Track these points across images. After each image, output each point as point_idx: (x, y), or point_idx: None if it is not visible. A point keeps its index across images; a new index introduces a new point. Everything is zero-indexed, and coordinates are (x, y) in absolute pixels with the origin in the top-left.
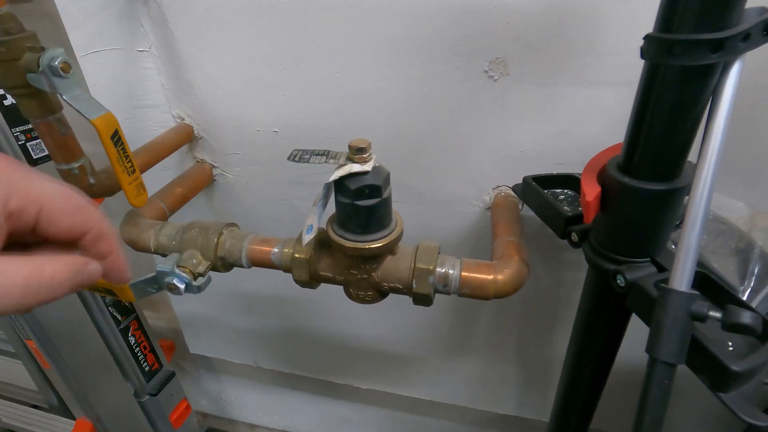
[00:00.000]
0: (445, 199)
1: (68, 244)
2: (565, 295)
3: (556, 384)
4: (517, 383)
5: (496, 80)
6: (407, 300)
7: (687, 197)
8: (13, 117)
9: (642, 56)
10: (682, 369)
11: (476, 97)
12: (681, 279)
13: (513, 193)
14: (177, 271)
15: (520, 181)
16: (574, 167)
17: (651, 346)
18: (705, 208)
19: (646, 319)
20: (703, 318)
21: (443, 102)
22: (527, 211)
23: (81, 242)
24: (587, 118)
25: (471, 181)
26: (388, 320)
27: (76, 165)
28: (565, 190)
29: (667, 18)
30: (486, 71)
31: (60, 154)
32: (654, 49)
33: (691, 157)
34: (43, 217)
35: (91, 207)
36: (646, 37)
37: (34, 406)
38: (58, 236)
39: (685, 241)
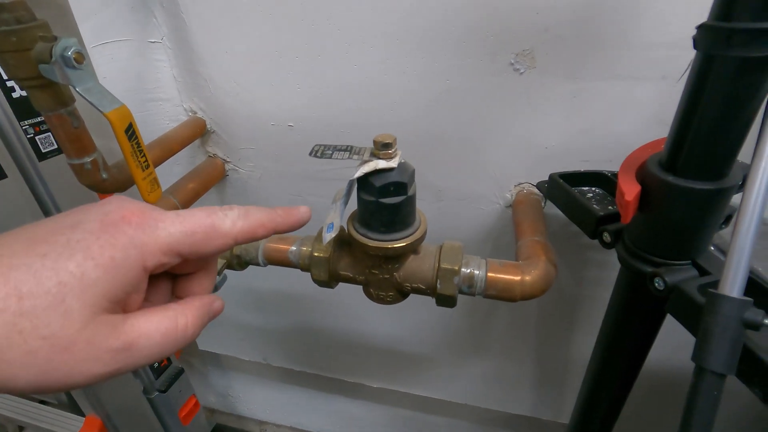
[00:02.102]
0: (465, 196)
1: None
2: (585, 295)
3: (572, 385)
4: (532, 383)
5: (522, 73)
6: (421, 299)
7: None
8: (22, 110)
9: (695, 47)
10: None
11: (500, 91)
12: (733, 284)
13: (536, 191)
14: None
15: (543, 179)
16: (601, 165)
17: (699, 355)
18: (760, 209)
19: (688, 324)
20: (757, 326)
21: (465, 96)
22: (547, 209)
23: (243, 243)
24: (617, 114)
25: (492, 178)
26: (401, 319)
27: (88, 159)
28: (593, 188)
29: (725, 5)
30: (512, 64)
31: (72, 148)
32: (710, 39)
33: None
34: (186, 256)
35: (221, 222)
36: (701, 26)
37: (44, 402)
38: (206, 259)
39: (737, 245)
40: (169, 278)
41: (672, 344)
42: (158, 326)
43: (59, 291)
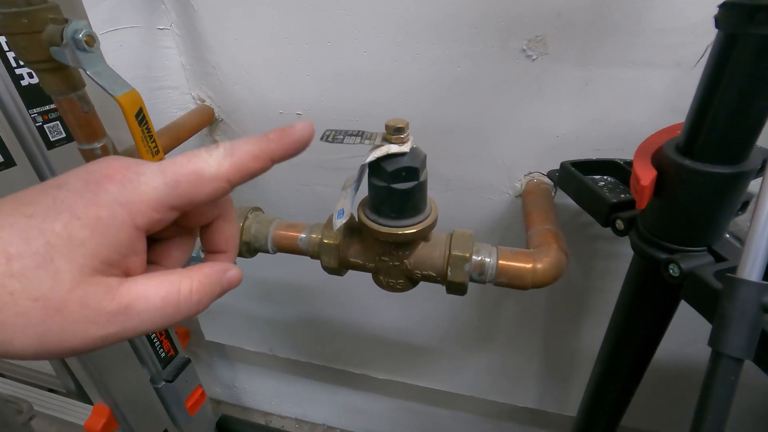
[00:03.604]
0: (474, 185)
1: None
2: (594, 287)
3: (579, 377)
4: (538, 375)
5: (534, 60)
6: (429, 290)
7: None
8: (31, 98)
9: (716, 26)
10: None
11: (512, 78)
12: (752, 269)
13: (546, 180)
14: (202, 255)
15: (554, 168)
16: (613, 154)
17: (716, 340)
18: None
19: (704, 310)
20: None
21: (476, 83)
22: (556, 200)
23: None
24: (630, 102)
25: (501, 168)
26: (408, 310)
27: (98, 145)
28: (605, 177)
29: None
30: (524, 50)
31: (82, 133)
32: (732, 17)
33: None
34: (184, 208)
35: (198, 169)
36: (723, 5)
37: (53, 391)
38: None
39: (757, 229)
40: (186, 238)
41: (680, 339)
42: (157, 290)
43: (47, 251)
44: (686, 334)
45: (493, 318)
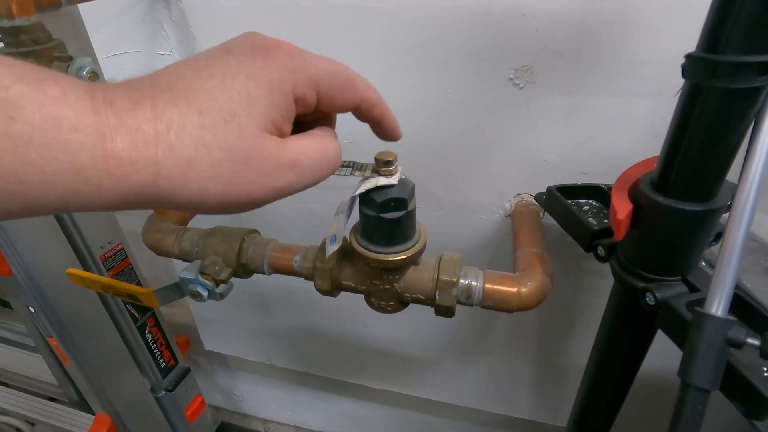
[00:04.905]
0: (465, 205)
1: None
2: (583, 302)
3: (570, 389)
4: (531, 387)
5: (521, 88)
6: (423, 305)
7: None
8: None
9: (683, 76)
10: None
11: (500, 105)
12: (718, 304)
13: (535, 202)
14: (200, 278)
15: (543, 189)
16: (599, 177)
17: (684, 371)
18: (745, 233)
19: (677, 339)
20: (740, 345)
21: (466, 109)
22: (547, 218)
23: (356, 112)
24: (613, 128)
25: (492, 189)
26: (403, 322)
27: None
28: (590, 201)
29: (712, 38)
30: (511, 79)
31: None
32: (697, 69)
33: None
34: (321, 98)
35: (357, 78)
36: (688, 57)
37: (54, 400)
38: (332, 112)
39: (723, 266)
40: None
41: (671, 353)
42: (312, 146)
43: (230, 107)
44: (675, 348)
45: (486, 331)
